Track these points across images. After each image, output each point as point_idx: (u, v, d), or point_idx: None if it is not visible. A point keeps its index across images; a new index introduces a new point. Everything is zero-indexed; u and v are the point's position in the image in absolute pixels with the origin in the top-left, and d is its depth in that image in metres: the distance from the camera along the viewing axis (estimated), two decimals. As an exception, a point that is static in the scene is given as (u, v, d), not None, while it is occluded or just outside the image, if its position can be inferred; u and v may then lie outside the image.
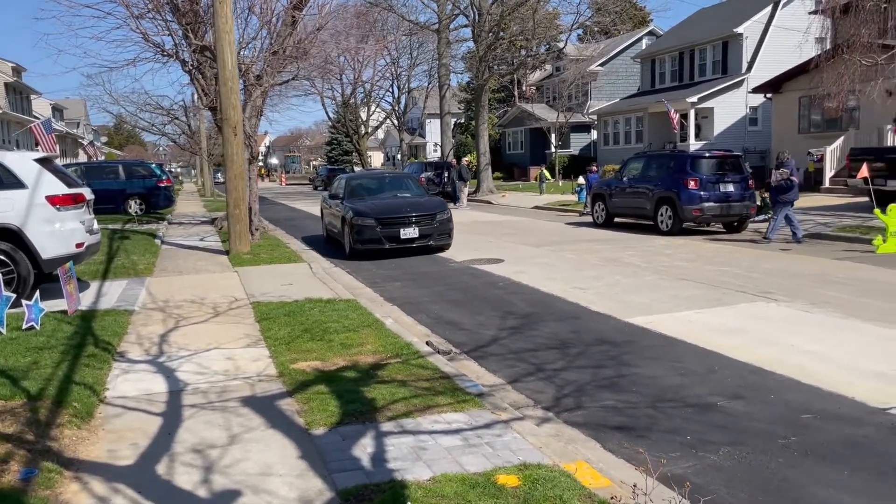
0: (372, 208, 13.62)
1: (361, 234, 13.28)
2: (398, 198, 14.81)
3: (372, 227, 13.24)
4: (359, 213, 13.44)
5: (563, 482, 3.75)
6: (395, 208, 13.76)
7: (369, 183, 15.90)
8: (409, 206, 13.86)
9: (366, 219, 13.31)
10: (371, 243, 13.28)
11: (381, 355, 6.42)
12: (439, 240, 13.72)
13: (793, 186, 13.97)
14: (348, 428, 4.67)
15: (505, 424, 4.69)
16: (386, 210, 13.60)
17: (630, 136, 37.47)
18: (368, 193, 14.98)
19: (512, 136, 49.11)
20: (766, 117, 31.15)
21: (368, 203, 14.02)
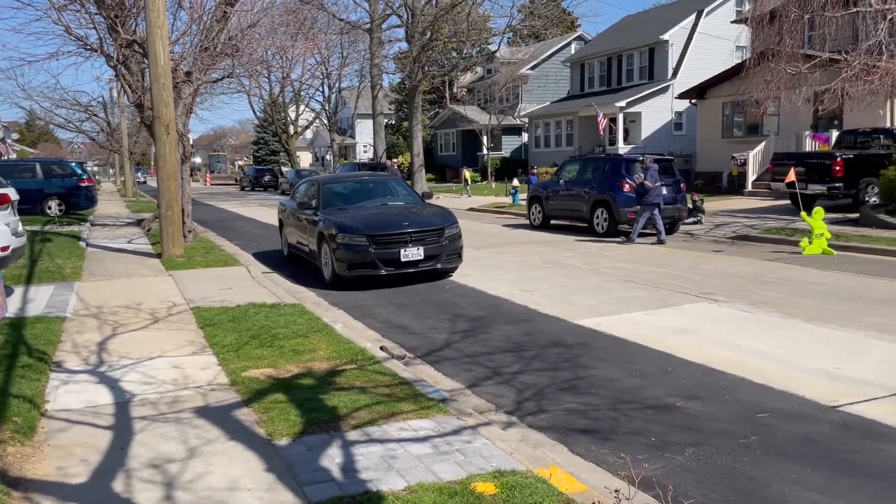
0: (362, 222, 10.53)
1: (349, 257, 10.15)
2: (390, 207, 11.76)
3: (363, 248, 10.11)
4: (345, 229, 10.32)
5: (541, 489, 3.73)
6: (391, 222, 10.59)
7: (350, 188, 12.61)
8: (409, 219, 10.73)
9: (354, 236, 10.17)
10: (362, 268, 10.16)
11: (336, 361, 6.28)
12: (448, 261, 10.67)
13: (648, 191, 14.71)
14: (313, 438, 4.53)
15: (473, 430, 4.64)
16: (380, 224, 10.48)
17: (561, 139, 38.13)
18: (350, 202, 11.86)
19: (444, 138, 49.26)
20: (690, 122, 32.23)
21: (355, 215, 10.96)
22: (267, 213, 27.02)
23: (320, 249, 10.87)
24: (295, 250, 12.86)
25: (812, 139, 23.22)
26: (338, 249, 10.23)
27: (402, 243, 10.23)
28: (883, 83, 14.42)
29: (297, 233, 12.50)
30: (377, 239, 10.18)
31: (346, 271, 10.21)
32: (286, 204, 13.67)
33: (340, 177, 15.58)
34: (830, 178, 18.15)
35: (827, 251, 12.69)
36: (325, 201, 11.60)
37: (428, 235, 10.45)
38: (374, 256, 10.10)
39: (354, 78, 51.05)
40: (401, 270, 10.27)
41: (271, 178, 48.51)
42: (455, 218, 11.14)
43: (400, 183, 13.28)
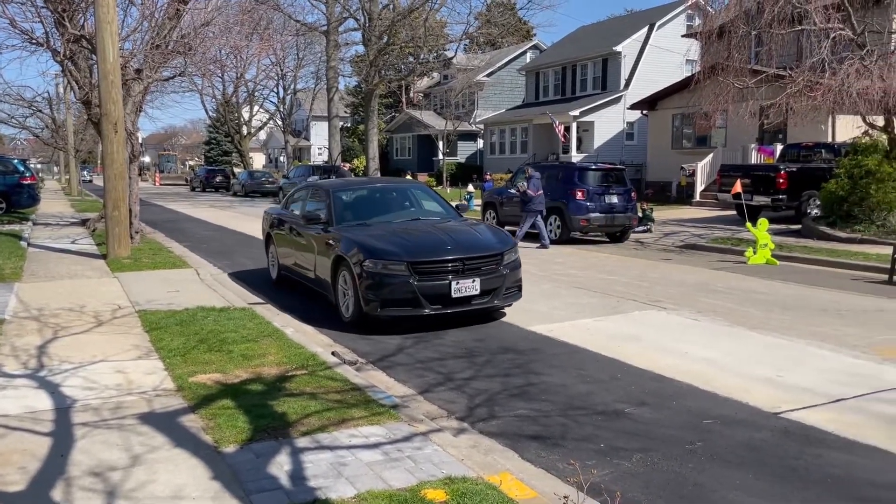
0: (398, 244, 8.00)
1: (383, 291, 7.66)
2: (425, 223, 9.08)
3: (402, 279, 7.63)
4: (376, 253, 7.83)
5: (491, 495, 3.74)
6: (436, 244, 8.08)
7: (369, 197, 10.04)
8: (458, 241, 8.16)
9: (390, 263, 7.70)
10: (400, 305, 7.71)
11: (286, 367, 6.20)
12: (507, 297, 8.20)
13: (531, 199, 15.39)
14: (261, 445, 4.45)
15: (424, 437, 4.63)
16: (423, 247, 8.00)
17: (516, 146, 38.46)
18: (371, 215, 9.29)
19: (400, 142, 49.23)
20: (641, 132, 32.86)
21: (384, 234, 8.38)
22: (218, 214, 26.59)
23: (336, 278, 8.33)
24: (290, 273, 10.30)
25: (757, 152, 23.91)
26: (366, 280, 7.67)
27: (452, 273, 7.72)
28: (825, 99, 14.90)
29: (295, 253, 9.93)
30: (421, 267, 7.66)
31: (379, 310, 7.63)
32: (276, 214, 11.13)
33: (351, 182, 12.48)
34: (774, 190, 18.72)
35: (770, 261, 13.05)
36: (339, 214, 9.06)
37: (485, 263, 7.93)
38: (417, 291, 7.56)
39: (310, 80, 50.70)
40: (450, 310, 7.72)
41: (223, 178, 47.76)
42: (512, 240, 8.64)
43: (427, 191, 10.61)
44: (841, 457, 4.47)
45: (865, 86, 14.53)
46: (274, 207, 12.14)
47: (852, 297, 9.76)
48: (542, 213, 15.55)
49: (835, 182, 16.38)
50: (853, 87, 14.59)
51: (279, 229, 10.74)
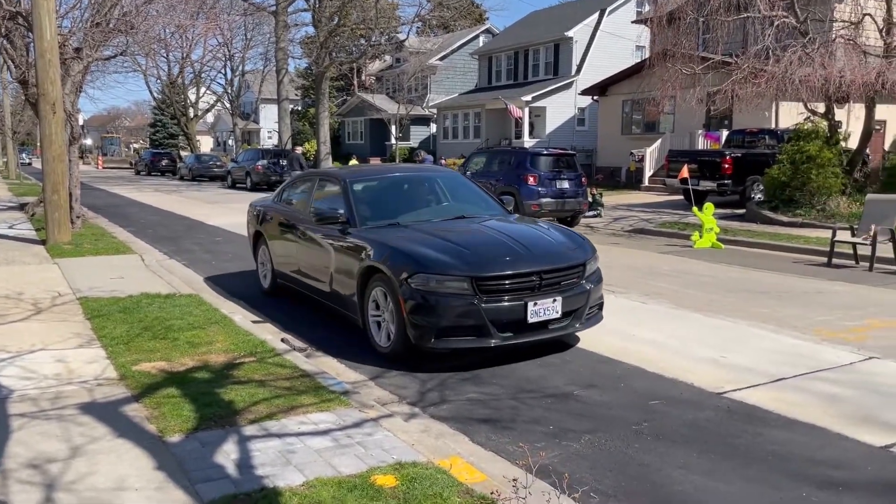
0: (455, 253, 6.12)
1: (440, 315, 5.82)
2: (476, 223, 7.21)
3: (465, 300, 5.81)
4: (428, 265, 5.96)
5: (441, 479, 3.74)
6: (505, 253, 6.19)
7: (396, 190, 8.09)
8: (531, 249, 6.35)
9: (448, 278, 5.86)
10: (462, 334, 5.88)
11: (234, 354, 6.09)
12: (589, 319, 6.47)
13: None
14: (207, 434, 4.37)
15: (374, 422, 4.60)
16: (491, 258, 6.10)
17: (468, 131, 38.45)
18: (402, 212, 7.41)
19: (352, 126, 48.75)
20: (592, 118, 33.18)
21: (435, 239, 6.41)
22: (164, 198, 25.97)
23: (365, 295, 6.47)
24: (290, 283, 8.34)
25: (704, 138, 24.37)
26: (415, 301, 5.81)
27: (527, 290, 5.93)
28: (769, 86, 15.25)
29: (299, 259, 7.98)
30: (488, 284, 5.83)
31: (432, 340, 5.81)
32: (268, 209, 9.07)
33: (370, 171, 9.48)
34: (720, 175, 19.14)
35: (716, 245, 13.34)
36: (362, 212, 7.17)
37: (565, 276, 6.17)
38: (486, 314, 5.75)
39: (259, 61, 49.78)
40: (522, 339, 5.98)
41: (169, 162, 46.64)
42: (591, 246, 6.81)
43: (462, 180, 8.69)
44: (781, 435, 4.60)
45: (807, 73, 14.92)
46: (262, 200, 9.87)
47: (793, 280, 10.05)
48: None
49: (777, 168, 16.82)
50: (796, 75, 14.97)
51: (274, 228, 8.73)
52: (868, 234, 11.03)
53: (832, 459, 4.25)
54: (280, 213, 8.73)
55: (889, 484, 3.93)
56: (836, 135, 17.30)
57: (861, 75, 14.43)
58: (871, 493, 3.83)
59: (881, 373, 5.84)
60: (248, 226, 9.84)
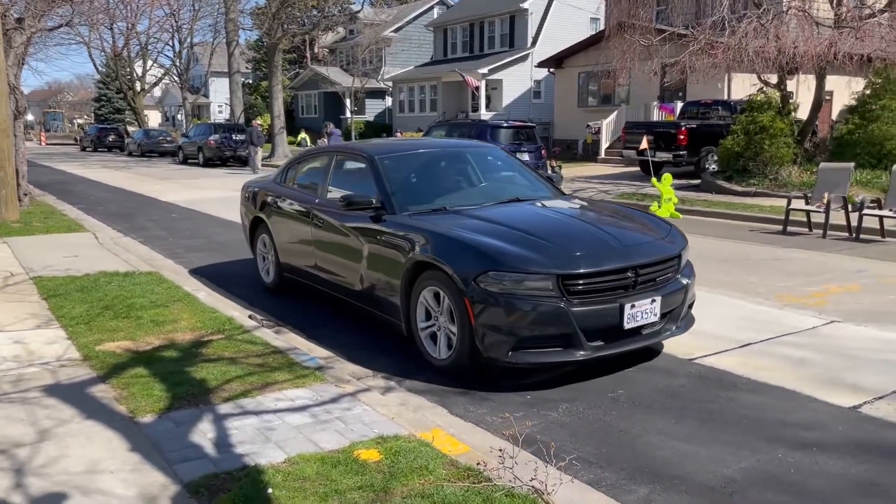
0: (534, 245, 5.07)
1: (519, 321, 4.74)
2: (538, 207, 6.15)
3: (550, 302, 4.75)
4: (503, 260, 4.86)
5: (425, 452, 3.71)
6: (593, 245, 5.19)
7: (437, 168, 6.99)
8: (621, 240, 5.30)
9: (530, 276, 4.78)
10: (546, 345, 4.85)
11: (201, 332, 5.95)
12: (685, 321, 5.51)
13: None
14: (181, 413, 4.26)
15: (352, 397, 4.55)
16: (578, 252, 5.04)
17: (425, 104, 38.16)
18: (449, 193, 6.52)
19: (305, 100, 47.93)
20: (548, 91, 33.21)
21: (503, 229, 5.34)
22: (113, 175, 25.24)
23: (411, 296, 5.41)
24: (306, 280, 7.15)
25: (659, 109, 24.64)
26: (487, 305, 4.76)
27: (621, 290, 4.96)
28: (724, 57, 15.42)
29: (317, 251, 6.75)
30: (577, 283, 4.82)
31: (509, 353, 4.81)
32: (270, 191, 7.77)
33: (401, 146, 7.62)
34: (676, 146, 19.40)
35: (674, 215, 13.53)
36: (399, 195, 6.05)
37: (661, 271, 5.23)
38: (574, 321, 4.74)
39: (208, 33, 48.36)
40: (615, 349, 4.98)
41: (116, 137, 45.26)
42: (681, 231, 5.91)
43: (506, 156, 7.47)
44: (753, 398, 4.70)
45: (762, 44, 15.12)
46: (260, 180, 8.53)
47: (751, 248, 10.27)
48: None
49: (732, 138, 17.09)
50: (750, 46, 15.16)
51: (280, 214, 7.46)
52: (821, 201, 11.30)
53: (804, 421, 4.35)
54: (288, 197, 7.40)
55: (860, 443, 4.05)
56: (788, 105, 17.65)
57: (813, 46, 14.68)
58: (844, 452, 3.94)
59: (843, 336, 6.01)
60: (244, 211, 8.46)
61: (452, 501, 3.20)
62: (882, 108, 16.36)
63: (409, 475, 3.47)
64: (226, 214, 14.33)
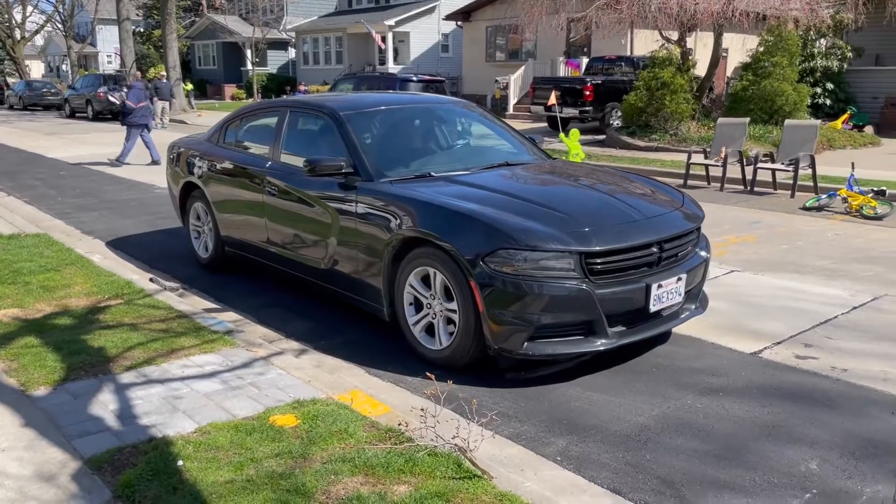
0: (548, 217, 4.39)
1: (537, 307, 4.11)
2: (530, 171, 5.57)
3: (571, 284, 4.13)
4: (515, 236, 4.15)
5: (343, 415, 3.62)
6: (614, 217, 4.54)
7: (410, 127, 6.15)
8: (642, 210, 4.69)
9: (546, 254, 4.12)
10: (566, 333, 4.25)
11: (98, 297, 5.60)
12: (702, 300, 5.06)
13: (131, 111, 14.33)
14: (79, 384, 3.99)
15: (265, 361, 4.39)
16: (598, 225, 4.38)
17: (330, 57, 37.14)
18: (429, 156, 5.84)
19: (202, 50, 45.69)
20: (456, 45, 32.93)
21: (513, 198, 4.67)
22: (-8, 130, 23.42)
23: (398, 277, 4.71)
24: (255, 257, 6.25)
25: (565, 65, 24.85)
26: (498, 288, 4.12)
27: (645, 268, 4.43)
28: (629, 13, 15.64)
29: (270, 224, 5.85)
30: (600, 262, 4.24)
31: (525, 344, 4.19)
32: (209, 152, 6.74)
33: (357, 101, 6.31)
34: (581, 102, 19.66)
35: (582, 170, 13.76)
36: (373, 159, 5.24)
37: (682, 246, 4.71)
38: (599, 304, 4.18)
39: (93, -24, 45.11)
40: (638, 335, 4.45)
41: (-6, 89, 41.97)
42: (692, 199, 5.34)
43: (483, 114, 6.61)
44: (663, 348, 4.84)
45: (664, 0, 15.40)
46: (192, 139, 7.49)
47: (655, 201, 10.56)
48: (147, 126, 14.59)
49: (634, 94, 17.44)
50: (653, 2, 15.42)
51: (220, 179, 6.45)
52: (719, 156, 11.74)
53: (710, 367, 4.52)
54: (230, 160, 6.40)
55: (762, 387, 4.24)
56: (688, 62, 18.13)
57: (712, 4, 15.07)
58: (748, 396, 4.12)
59: (742, 284, 6.27)
60: (171, 175, 7.37)
61: (374, 464, 3.14)
62: (773, 66, 17.05)
63: (328, 439, 3.37)
64: (120, 171, 13.56)
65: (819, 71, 19.06)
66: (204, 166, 6.73)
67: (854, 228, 8.60)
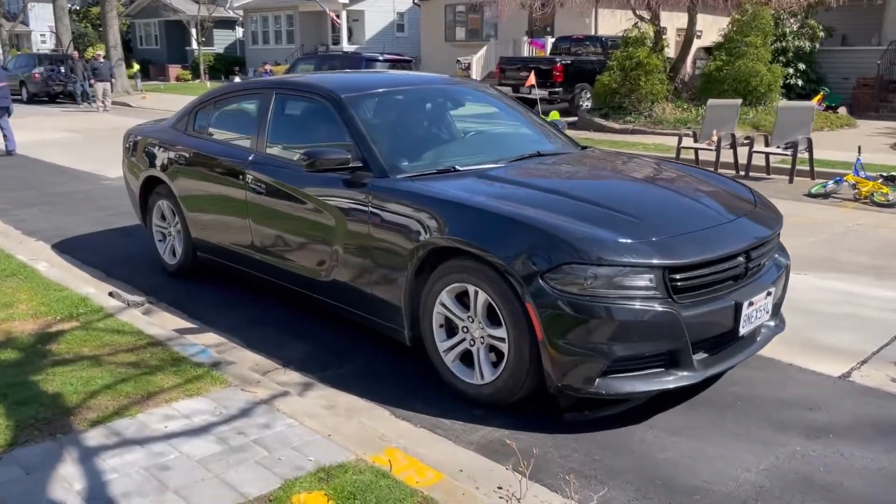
0: (616, 222, 3.53)
1: (614, 335, 3.27)
2: (569, 162, 4.65)
3: (653, 305, 3.31)
4: (584, 248, 3.29)
5: (386, 489, 2.80)
6: (693, 219, 3.73)
7: (418, 111, 5.25)
8: (722, 212, 3.88)
9: (622, 269, 3.29)
10: (646, 366, 3.41)
11: (48, 319, 4.64)
12: (781, 315, 4.17)
13: None
14: (32, 451, 3.08)
15: (268, 406, 3.52)
16: (675, 228, 3.58)
17: (281, 36, 35.65)
18: (449, 147, 4.98)
19: (144, 29, 43.48)
20: (412, 24, 31.91)
21: (565, 198, 3.80)
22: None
23: (425, 294, 3.85)
24: (235, 265, 5.29)
25: (530, 45, 24.13)
26: (565, 313, 3.28)
27: (731, 281, 3.63)
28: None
29: (253, 225, 4.94)
30: (685, 277, 3.42)
31: (595, 381, 3.36)
32: (175, 141, 5.72)
33: (360, 81, 5.19)
34: (551, 83, 19.00)
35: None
36: (387, 150, 4.35)
37: (766, 255, 3.91)
38: (686, 329, 3.36)
39: (22, -50, 42.39)
40: (725, 364, 3.63)
41: (-85, 70, 39.11)
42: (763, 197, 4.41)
43: (498, 96, 5.59)
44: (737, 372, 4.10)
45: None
46: (151, 125, 6.51)
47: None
48: (8, 110, 13.09)
49: (608, 74, 16.85)
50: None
51: (191, 174, 5.45)
52: (711, 139, 11.19)
53: (802, 398, 3.78)
54: (202, 151, 5.38)
55: (874, 424, 3.56)
56: (662, 41, 17.59)
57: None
58: (863, 437, 3.43)
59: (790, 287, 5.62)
60: (129, 167, 6.28)
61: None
62: (747, 45, 16.62)
63: (375, 529, 2.56)
64: (62, 160, 12.31)
65: (791, 51, 18.75)
66: (170, 158, 5.68)
67: (872, 217, 8.08)
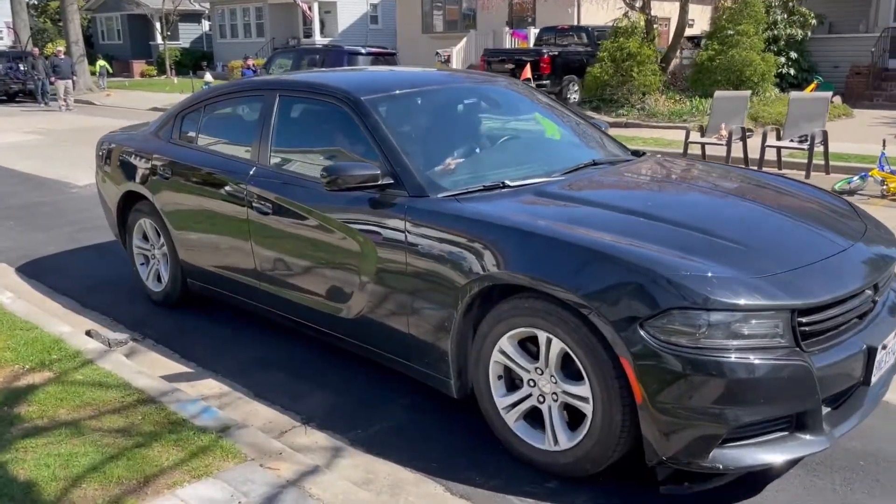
0: (726, 253, 2.81)
1: (734, 395, 2.55)
2: (632, 174, 3.85)
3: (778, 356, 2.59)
4: (694, 288, 2.57)
5: None
6: (815, 248, 2.99)
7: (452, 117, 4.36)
8: (839, 239, 3.10)
9: (743, 312, 2.57)
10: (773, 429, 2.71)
11: (14, 369, 3.90)
12: None
13: None
14: (-2, 575, 2.37)
15: (297, 489, 2.83)
16: (797, 260, 2.85)
17: (250, 29, 34.55)
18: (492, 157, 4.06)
19: (106, 24, 41.98)
20: (386, 15, 31.10)
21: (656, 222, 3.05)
22: None
23: (479, 339, 3.16)
24: (230, 292, 4.56)
25: (512, 36, 23.47)
26: (673, 369, 2.57)
27: (857, 320, 2.93)
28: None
29: (256, 249, 4.17)
30: (816, 320, 2.74)
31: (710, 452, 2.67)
32: (159, 151, 4.89)
33: (381, 80, 4.41)
34: (538, 75, 18.37)
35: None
36: (425, 165, 3.62)
37: (887, 285, 3.22)
38: (817, 384, 2.65)
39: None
40: (855, 420, 2.88)
41: None
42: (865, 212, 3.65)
43: (523, 92, 4.74)
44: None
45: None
46: (128, 133, 5.67)
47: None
48: None
49: (599, 66, 16.31)
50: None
51: (180, 187, 4.68)
52: (720, 133, 10.67)
53: None
54: (193, 162, 4.61)
55: None
56: (653, 31, 17.08)
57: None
58: None
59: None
60: (103, 181, 5.53)
61: None
62: (740, 34, 16.16)
63: None
64: (24, 166, 11.39)
65: (783, 39, 18.34)
66: (154, 169, 4.87)
67: (908, 217, 7.59)
